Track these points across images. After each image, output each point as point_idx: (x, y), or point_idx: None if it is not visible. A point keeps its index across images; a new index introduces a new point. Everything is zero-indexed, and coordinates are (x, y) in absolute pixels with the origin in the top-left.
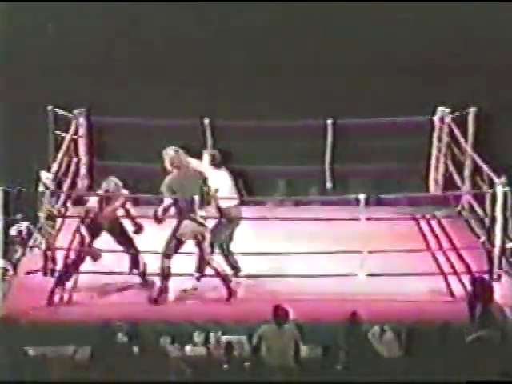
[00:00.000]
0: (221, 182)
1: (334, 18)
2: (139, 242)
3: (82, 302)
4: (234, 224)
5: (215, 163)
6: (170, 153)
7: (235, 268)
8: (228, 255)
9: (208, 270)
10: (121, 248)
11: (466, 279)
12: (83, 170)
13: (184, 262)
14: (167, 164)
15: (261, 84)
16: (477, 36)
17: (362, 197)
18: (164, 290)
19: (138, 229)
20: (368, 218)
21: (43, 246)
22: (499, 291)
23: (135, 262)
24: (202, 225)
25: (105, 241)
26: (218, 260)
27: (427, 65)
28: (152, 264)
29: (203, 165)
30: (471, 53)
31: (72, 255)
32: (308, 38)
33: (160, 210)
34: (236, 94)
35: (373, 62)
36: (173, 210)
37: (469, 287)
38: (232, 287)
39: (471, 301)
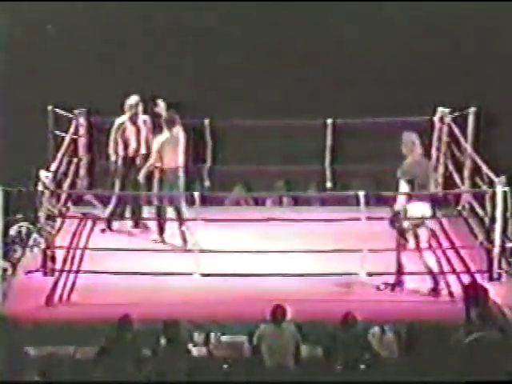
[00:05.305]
0: None
1: (334, 17)
2: None
3: (82, 302)
4: None
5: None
6: (406, 138)
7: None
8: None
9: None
10: None
11: (465, 279)
12: (83, 170)
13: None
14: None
15: (261, 84)
16: (477, 36)
17: (361, 193)
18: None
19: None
20: (368, 218)
21: (43, 246)
22: (499, 291)
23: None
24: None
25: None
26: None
27: (427, 65)
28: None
29: None
30: (471, 53)
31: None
32: (308, 37)
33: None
34: (236, 94)
35: (373, 61)
36: None
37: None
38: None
39: (466, 304)
